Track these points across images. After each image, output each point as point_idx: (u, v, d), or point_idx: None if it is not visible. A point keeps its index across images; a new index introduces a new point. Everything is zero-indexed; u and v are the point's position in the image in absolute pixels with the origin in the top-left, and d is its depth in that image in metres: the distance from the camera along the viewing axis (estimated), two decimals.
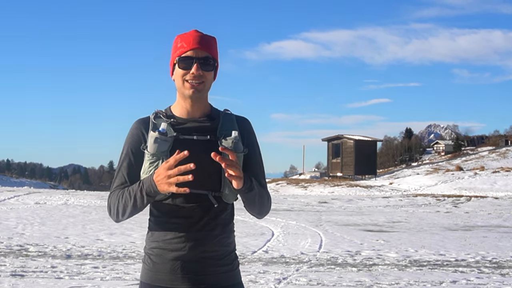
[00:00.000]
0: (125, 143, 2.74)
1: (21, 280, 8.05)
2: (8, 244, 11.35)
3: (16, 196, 24.28)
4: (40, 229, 13.91)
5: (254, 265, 9.68)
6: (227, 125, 2.71)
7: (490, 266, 10.06)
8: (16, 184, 47.15)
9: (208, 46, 2.68)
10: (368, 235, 14.14)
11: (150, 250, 2.69)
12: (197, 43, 2.65)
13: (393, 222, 17.77)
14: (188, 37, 2.67)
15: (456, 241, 13.31)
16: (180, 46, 2.67)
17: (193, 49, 2.64)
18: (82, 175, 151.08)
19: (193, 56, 2.64)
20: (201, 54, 2.64)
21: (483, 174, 41.59)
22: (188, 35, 2.68)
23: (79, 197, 24.89)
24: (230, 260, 2.71)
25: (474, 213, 21.84)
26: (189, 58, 2.64)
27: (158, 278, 2.64)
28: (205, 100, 2.75)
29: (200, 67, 2.63)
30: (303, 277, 8.70)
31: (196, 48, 2.64)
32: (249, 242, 12.28)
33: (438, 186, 37.95)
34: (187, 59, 2.65)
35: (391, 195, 32.25)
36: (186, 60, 2.65)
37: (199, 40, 2.66)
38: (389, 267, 9.77)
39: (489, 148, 74.80)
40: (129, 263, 9.63)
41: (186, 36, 2.68)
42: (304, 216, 19.11)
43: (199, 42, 2.65)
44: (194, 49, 2.64)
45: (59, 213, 18.22)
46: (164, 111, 2.76)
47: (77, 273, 8.67)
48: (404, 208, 23.77)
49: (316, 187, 40.45)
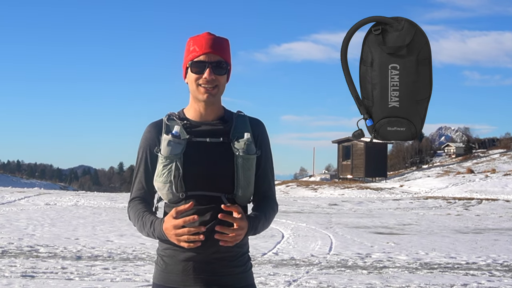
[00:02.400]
0: (139, 148, 2.74)
1: (32, 281, 8.07)
2: (19, 245, 11.38)
3: (27, 197, 24.37)
4: (51, 230, 13.95)
5: (264, 267, 9.66)
6: (240, 127, 2.71)
7: (501, 269, 10.00)
8: (26, 185, 47.32)
9: (221, 49, 2.66)
10: (379, 238, 14.09)
11: (162, 251, 2.69)
12: (209, 47, 2.63)
13: (403, 225, 17.70)
14: (200, 40, 2.66)
15: (467, 244, 13.24)
16: (192, 49, 2.66)
17: (206, 53, 2.63)
18: (92, 176, 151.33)
19: (206, 61, 2.62)
20: (213, 58, 2.63)
21: (494, 177, 41.35)
22: (201, 37, 2.66)
23: (89, 198, 24.95)
24: (243, 261, 2.70)
25: (485, 216, 21.72)
26: (201, 62, 2.63)
27: (171, 279, 2.64)
28: (219, 103, 2.74)
29: (213, 72, 2.62)
30: (313, 280, 8.67)
31: (209, 52, 2.63)
32: (259, 244, 12.25)
33: (449, 189, 37.77)
34: (200, 64, 2.63)
35: (402, 198, 32.14)
36: (198, 64, 2.63)
37: (211, 44, 2.64)
38: (400, 270, 9.73)
39: (500, 150, 74.39)
40: (139, 265, 9.63)
41: (199, 39, 2.66)
42: (314, 218, 19.07)
43: (212, 46, 2.64)
44: (207, 53, 2.63)
45: (69, 214, 18.27)
46: (177, 113, 2.75)
47: (87, 274, 8.68)
48: (414, 211, 23.68)
49: (326, 189, 40.37)
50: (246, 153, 2.63)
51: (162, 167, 2.62)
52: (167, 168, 2.60)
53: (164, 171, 2.60)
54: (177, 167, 2.58)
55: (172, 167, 2.59)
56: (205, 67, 2.62)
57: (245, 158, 2.63)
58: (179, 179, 2.59)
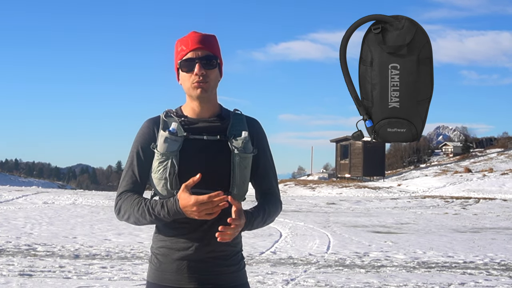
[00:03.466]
0: (134, 142, 2.73)
1: (29, 280, 8.07)
2: (16, 243, 11.38)
3: (24, 195, 24.35)
4: (48, 228, 13.94)
5: (262, 266, 9.67)
6: (237, 125, 2.71)
7: (498, 268, 10.02)
8: (24, 183, 47.22)
9: (208, 44, 2.68)
10: (376, 237, 14.10)
11: (157, 250, 2.69)
12: (196, 43, 2.65)
13: (401, 224, 17.72)
14: (186, 39, 2.68)
15: (464, 243, 13.26)
16: (180, 50, 2.68)
17: (193, 50, 2.65)
18: (90, 175, 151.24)
19: (194, 57, 2.64)
20: (201, 54, 2.65)
21: (491, 176, 41.39)
22: (187, 37, 2.69)
23: (87, 197, 24.94)
24: (237, 260, 2.71)
25: (482, 215, 21.74)
26: (190, 59, 2.65)
27: (165, 277, 2.65)
28: (214, 100, 2.75)
29: (203, 67, 2.63)
30: (311, 278, 8.68)
31: (196, 48, 2.65)
32: (257, 243, 12.26)
33: (446, 188, 37.79)
34: (189, 61, 2.65)
35: (400, 197, 32.16)
36: (188, 62, 2.65)
37: (198, 40, 2.66)
38: (397, 269, 9.74)
39: (497, 150, 74.44)
40: (137, 263, 9.63)
41: (185, 39, 2.69)
42: (312, 217, 19.08)
43: (198, 42, 2.66)
44: (194, 49, 2.65)
45: (67, 213, 18.26)
46: (175, 110, 2.76)
47: (85, 273, 8.68)
48: (412, 210, 23.69)
49: (324, 188, 40.37)
50: (243, 151, 2.64)
51: (158, 164, 2.62)
52: (162, 165, 2.60)
53: (160, 167, 2.61)
54: (172, 164, 2.59)
55: (167, 164, 2.59)
56: (194, 63, 2.64)
57: (242, 156, 2.63)
58: (174, 176, 2.59)
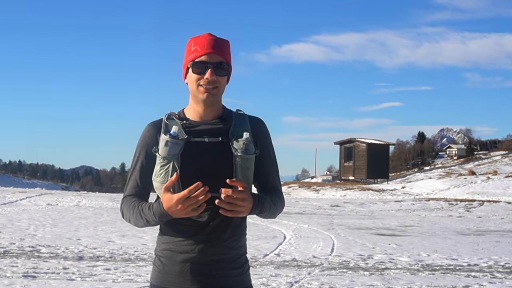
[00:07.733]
0: (137, 146, 2.73)
1: (33, 281, 8.07)
2: (20, 245, 11.39)
3: (28, 197, 24.39)
4: (52, 230, 13.95)
5: (266, 268, 9.66)
6: (239, 126, 2.69)
7: (503, 271, 9.99)
8: (28, 185, 47.32)
9: (222, 50, 2.65)
10: (380, 239, 14.08)
11: (160, 252, 2.68)
12: (211, 47, 2.62)
13: (405, 226, 17.69)
14: (202, 40, 2.64)
15: (468, 246, 13.23)
16: (194, 50, 2.64)
17: (207, 54, 2.62)
18: (93, 176, 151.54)
19: (207, 61, 2.61)
20: (215, 59, 2.62)
21: (496, 179, 41.30)
22: (202, 38, 2.65)
23: (90, 199, 24.97)
24: (241, 263, 2.69)
25: (486, 217, 21.71)
26: (203, 63, 2.62)
27: (168, 280, 2.64)
28: (218, 103, 2.73)
29: (214, 72, 2.61)
30: (315, 281, 8.67)
31: (210, 53, 2.61)
32: (261, 245, 12.25)
33: (450, 191, 37.74)
34: (201, 64, 2.62)
35: (404, 199, 32.12)
36: (200, 65, 2.62)
37: (213, 45, 2.63)
38: (402, 271, 9.72)
39: (502, 152, 74.39)
40: (140, 265, 9.63)
41: (200, 39, 2.65)
42: (316, 219, 19.06)
43: (213, 47, 2.63)
44: (208, 53, 2.62)
45: (71, 214, 18.28)
46: (177, 113, 2.75)
47: (89, 275, 8.68)
48: (416, 212, 23.66)
49: (328, 190, 40.36)
50: (245, 153, 2.60)
51: (159, 167, 2.60)
52: (164, 169, 2.58)
53: (162, 171, 2.59)
54: (174, 168, 2.57)
55: (169, 168, 2.57)
56: (206, 67, 2.61)
57: (244, 158, 2.60)
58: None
